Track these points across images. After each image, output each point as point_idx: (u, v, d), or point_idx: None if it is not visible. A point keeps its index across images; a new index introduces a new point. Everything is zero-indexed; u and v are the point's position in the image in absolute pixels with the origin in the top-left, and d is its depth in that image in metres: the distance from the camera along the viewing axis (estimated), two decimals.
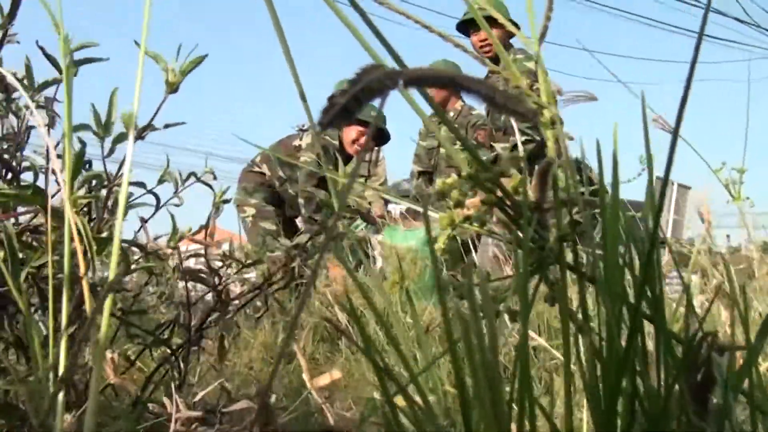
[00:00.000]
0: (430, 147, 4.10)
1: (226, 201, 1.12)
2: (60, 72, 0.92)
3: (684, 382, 0.45)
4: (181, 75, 0.92)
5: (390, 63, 0.42)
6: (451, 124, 0.46)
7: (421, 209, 0.53)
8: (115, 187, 0.95)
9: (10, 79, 0.85)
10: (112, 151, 0.92)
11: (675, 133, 0.47)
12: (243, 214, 3.88)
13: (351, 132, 3.78)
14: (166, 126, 1.02)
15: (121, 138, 0.91)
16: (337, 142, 3.88)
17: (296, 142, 3.90)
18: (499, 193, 0.41)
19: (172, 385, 0.88)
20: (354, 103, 0.21)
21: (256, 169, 3.96)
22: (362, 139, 3.82)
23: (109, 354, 0.65)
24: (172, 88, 0.93)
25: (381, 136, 4.01)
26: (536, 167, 0.40)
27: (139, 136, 0.93)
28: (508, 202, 0.41)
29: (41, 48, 0.90)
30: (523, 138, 3.09)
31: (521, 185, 0.40)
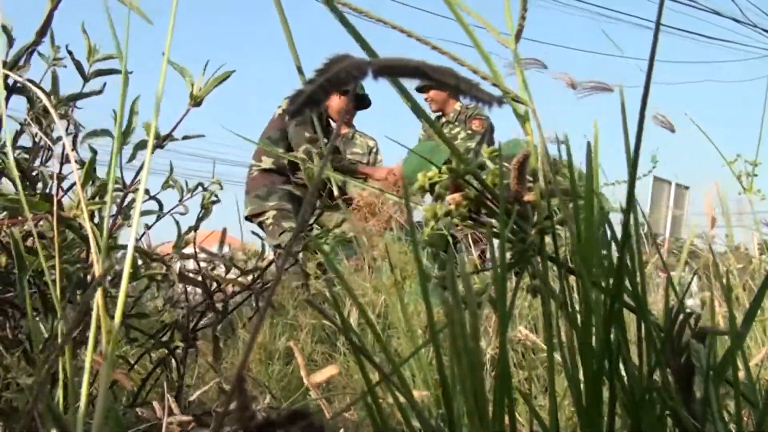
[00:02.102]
0: None
1: (215, 202, 1.11)
2: (85, 79, 0.95)
3: (667, 368, 0.45)
4: (205, 90, 0.94)
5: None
6: (439, 130, 0.47)
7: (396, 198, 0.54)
8: (129, 194, 0.96)
9: (39, 94, 0.87)
10: (133, 156, 0.94)
11: (641, 121, 0.47)
12: (261, 218, 3.67)
13: (338, 102, 3.79)
14: (185, 137, 1.04)
15: (140, 145, 0.93)
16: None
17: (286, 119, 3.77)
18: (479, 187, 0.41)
19: (165, 387, 0.88)
20: (321, 93, 0.21)
21: (258, 169, 3.77)
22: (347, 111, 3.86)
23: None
24: (196, 101, 0.95)
25: (362, 102, 4.04)
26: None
27: (159, 146, 0.94)
28: (488, 195, 0.41)
29: (70, 52, 0.93)
30: None
31: (499, 178, 0.41)
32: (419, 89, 3.94)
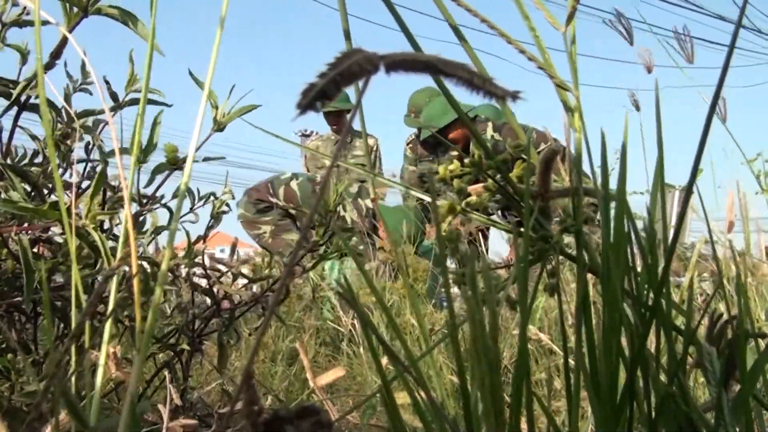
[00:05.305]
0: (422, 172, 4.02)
1: (225, 212, 1.10)
2: (119, 107, 0.94)
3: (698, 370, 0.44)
4: (228, 118, 0.92)
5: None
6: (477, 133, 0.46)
7: (422, 196, 0.53)
8: (144, 213, 0.95)
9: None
10: (151, 181, 0.92)
11: (702, 141, 0.47)
12: (256, 231, 3.61)
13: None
14: (206, 159, 1.02)
15: (159, 169, 0.91)
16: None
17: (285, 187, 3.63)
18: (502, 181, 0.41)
19: (169, 389, 0.87)
20: (332, 87, 0.21)
21: (268, 198, 3.67)
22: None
23: (111, 349, 0.65)
24: (219, 127, 0.93)
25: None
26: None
27: (177, 167, 0.93)
28: (511, 190, 0.41)
29: (107, 82, 0.93)
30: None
31: (524, 173, 0.40)
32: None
